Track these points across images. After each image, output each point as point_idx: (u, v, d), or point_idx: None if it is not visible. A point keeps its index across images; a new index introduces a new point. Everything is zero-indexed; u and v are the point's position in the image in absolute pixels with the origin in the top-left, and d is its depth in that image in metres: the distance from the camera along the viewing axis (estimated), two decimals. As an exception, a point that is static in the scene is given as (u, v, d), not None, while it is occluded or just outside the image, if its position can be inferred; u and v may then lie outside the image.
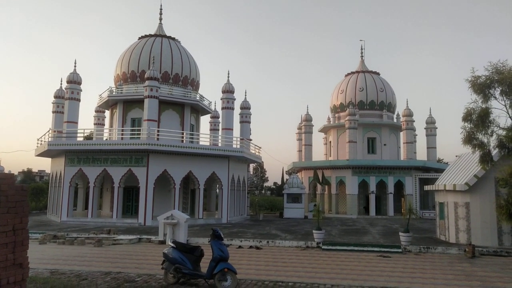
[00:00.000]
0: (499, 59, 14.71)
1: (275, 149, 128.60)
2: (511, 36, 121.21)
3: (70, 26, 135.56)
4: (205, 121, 41.45)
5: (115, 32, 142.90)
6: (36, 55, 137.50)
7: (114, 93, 28.13)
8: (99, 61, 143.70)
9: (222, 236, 8.92)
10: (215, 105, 35.22)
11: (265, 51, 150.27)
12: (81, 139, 26.70)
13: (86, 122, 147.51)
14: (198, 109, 30.63)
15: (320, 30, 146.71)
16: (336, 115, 39.42)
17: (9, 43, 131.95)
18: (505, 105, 13.19)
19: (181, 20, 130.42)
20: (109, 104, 29.38)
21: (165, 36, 30.08)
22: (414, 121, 37.64)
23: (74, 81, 26.14)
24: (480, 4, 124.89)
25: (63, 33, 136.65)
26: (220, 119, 31.83)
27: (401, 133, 38.61)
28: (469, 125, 13.53)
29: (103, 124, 34.15)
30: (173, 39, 30.40)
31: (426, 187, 20.28)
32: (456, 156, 19.85)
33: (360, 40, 58.89)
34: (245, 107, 31.59)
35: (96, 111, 33.92)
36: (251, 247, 15.40)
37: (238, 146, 27.39)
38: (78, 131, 25.98)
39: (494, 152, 14.14)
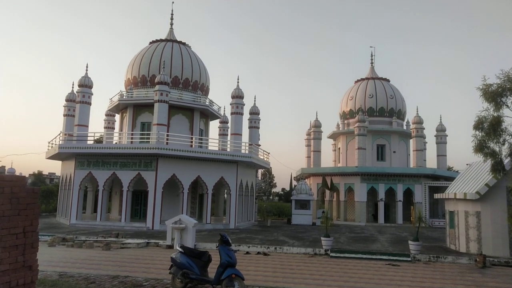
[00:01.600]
0: (511, 67, 14.56)
1: (284, 155, 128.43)
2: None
3: (82, 30, 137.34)
4: (214, 126, 41.69)
5: (126, 36, 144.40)
6: (48, 58, 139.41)
7: (124, 97, 28.36)
8: (110, 65, 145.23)
9: (230, 241, 8.90)
10: (224, 110, 35.36)
11: (275, 56, 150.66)
12: (91, 142, 26.92)
13: (96, 125, 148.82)
14: (207, 114, 30.75)
15: (331, 36, 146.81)
16: (346, 121, 39.30)
17: (19, 45, 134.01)
18: (517, 114, 13.01)
19: (192, 24, 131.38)
20: (120, 108, 29.63)
21: (175, 41, 30.30)
22: (424, 128, 37.40)
23: (86, 84, 26.42)
24: (494, 15, 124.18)
25: (76, 37, 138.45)
26: (229, 124, 31.92)
27: (411, 141, 38.34)
28: (480, 134, 13.37)
29: (113, 128, 34.47)
30: (184, 44, 30.61)
31: (436, 195, 20.08)
32: (467, 164, 19.65)
33: (370, 47, 58.85)
34: (254, 112, 31.64)
35: (106, 115, 34.25)
36: (258, 253, 15.36)
37: (247, 152, 27.41)
38: (89, 134, 26.22)
39: (506, 161, 13.95)
